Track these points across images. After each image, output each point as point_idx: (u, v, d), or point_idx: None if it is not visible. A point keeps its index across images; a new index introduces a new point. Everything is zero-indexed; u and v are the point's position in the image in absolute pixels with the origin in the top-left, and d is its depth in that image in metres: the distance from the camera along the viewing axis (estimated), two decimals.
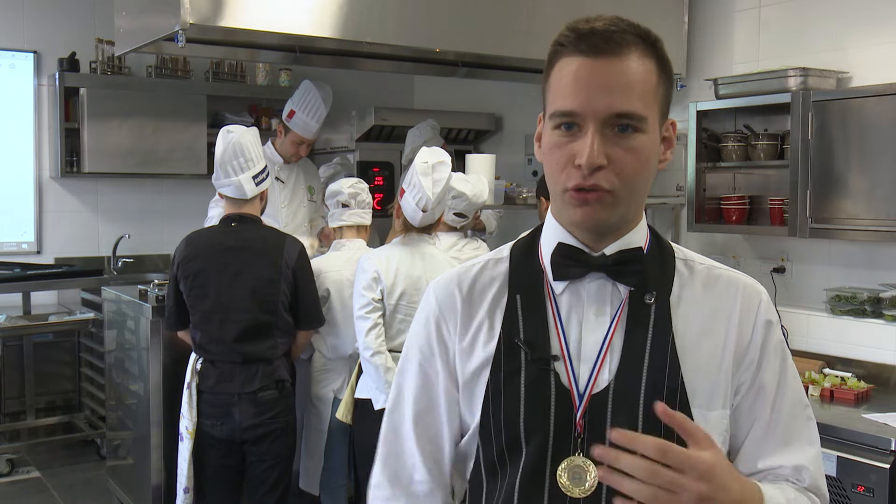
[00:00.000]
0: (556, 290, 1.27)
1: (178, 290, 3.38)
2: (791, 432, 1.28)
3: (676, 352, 1.22)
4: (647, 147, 1.20)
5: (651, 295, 1.25)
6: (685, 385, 1.21)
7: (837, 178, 3.37)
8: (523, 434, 1.23)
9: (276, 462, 3.36)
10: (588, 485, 1.19)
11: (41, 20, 5.69)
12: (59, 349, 5.59)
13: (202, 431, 3.32)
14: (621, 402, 1.21)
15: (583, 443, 1.20)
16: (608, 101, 1.16)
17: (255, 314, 3.29)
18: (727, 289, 1.28)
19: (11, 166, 5.67)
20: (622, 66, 1.17)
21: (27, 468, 5.13)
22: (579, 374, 1.23)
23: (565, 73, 1.19)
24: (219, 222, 3.50)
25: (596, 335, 1.24)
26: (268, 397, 3.30)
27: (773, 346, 1.28)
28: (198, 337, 3.34)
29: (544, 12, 3.73)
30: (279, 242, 3.41)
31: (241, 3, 3.17)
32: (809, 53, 3.73)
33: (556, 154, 1.20)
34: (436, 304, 1.34)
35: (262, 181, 3.42)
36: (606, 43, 1.16)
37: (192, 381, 3.34)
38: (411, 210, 3.30)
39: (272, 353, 3.33)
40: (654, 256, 1.28)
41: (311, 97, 4.52)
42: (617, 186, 1.18)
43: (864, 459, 2.81)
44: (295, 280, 3.37)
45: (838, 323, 3.61)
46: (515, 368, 1.25)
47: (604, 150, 1.16)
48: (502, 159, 4.28)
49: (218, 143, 3.38)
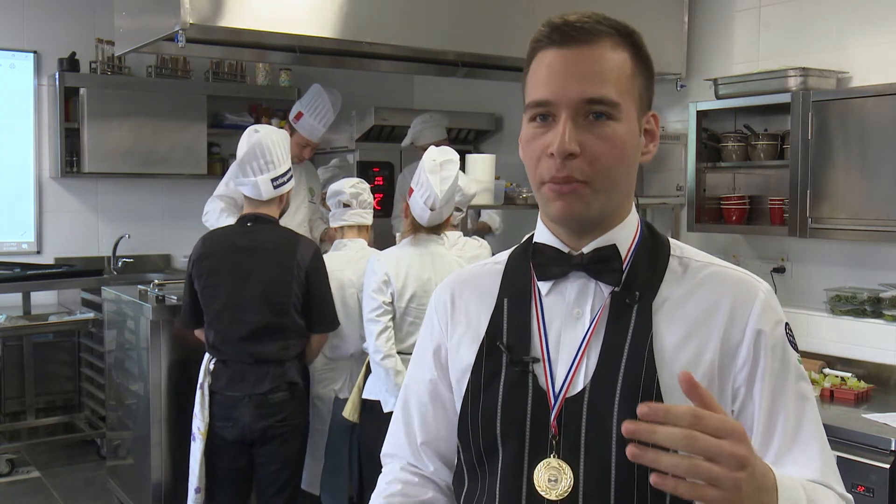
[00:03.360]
0: (543, 291, 1.26)
1: (192, 288, 3.37)
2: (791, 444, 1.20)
3: (654, 354, 1.18)
4: (622, 136, 1.17)
5: (633, 296, 1.21)
6: (661, 389, 1.17)
7: (837, 177, 3.36)
8: (500, 436, 1.22)
9: (284, 464, 3.36)
10: (563, 487, 1.17)
11: (41, 20, 5.69)
12: (59, 349, 5.59)
13: (213, 432, 3.32)
14: (596, 404, 1.18)
15: (558, 445, 1.18)
16: (580, 88, 1.15)
17: (266, 316, 3.28)
18: (718, 288, 1.23)
19: (11, 166, 5.68)
20: (594, 54, 1.17)
21: (27, 468, 5.13)
22: (556, 376, 1.21)
23: (540, 66, 1.19)
24: (235, 222, 3.48)
25: (574, 336, 1.22)
26: (278, 399, 3.28)
27: (771, 348, 1.20)
28: (210, 336, 3.34)
29: (544, 12, 3.70)
30: (293, 244, 3.37)
31: (241, 3, 3.17)
32: (809, 53, 3.73)
33: (532, 146, 1.20)
34: (433, 308, 1.38)
35: (283, 184, 3.36)
36: (578, 32, 1.17)
37: (204, 381, 3.33)
38: (419, 209, 3.29)
39: (283, 355, 3.31)
40: (644, 254, 1.25)
41: (320, 101, 4.49)
42: (591, 176, 1.16)
43: (864, 459, 2.81)
44: (308, 282, 3.34)
45: (838, 323, 3.61)
46: (496, 370, 1.24)
47: (576, 137, 1.15)
48: (502, 159, 4.28)
49: (241, 142, 3.34)
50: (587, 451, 1.18)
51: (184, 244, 6.19)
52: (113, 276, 5.56)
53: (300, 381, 3.38)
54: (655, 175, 4.07)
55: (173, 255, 6.18)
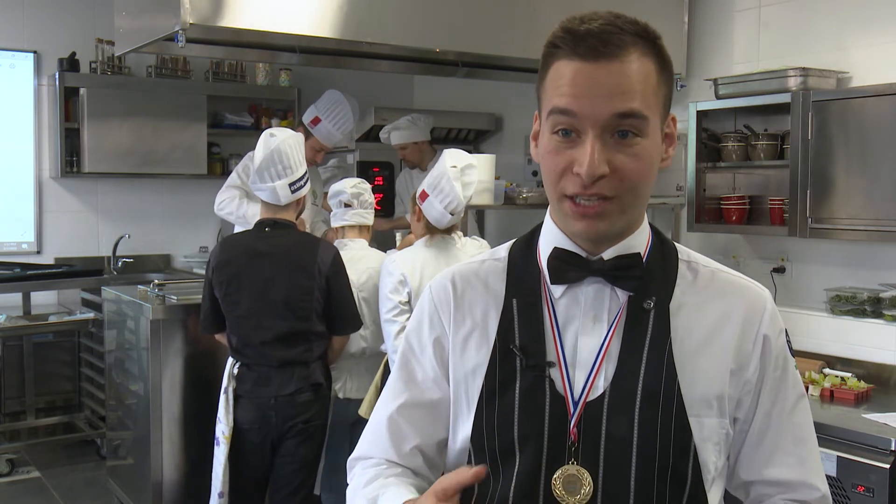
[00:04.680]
0: (555, 294, 1.24)
1: (212, 294, 3.37)
2: (781, 446, 1.25)
3: (674, 359, 1.19)
4: (650, 151, 1.16)
5: (650, 301, 1.21)
6: (682, 393, 1.18)
7: (837, 177, 3.36)
8: (517, 441, 1.20)
9: (302, 465, 3.36)
10: (583, 493, 1.16)
11: (41, 20, 5.69)
12: (59, 349, 5.59)
13: (239, 436, 3.32)
14: (616, 410, 1.18)
15: (577, 451, 1.18)
16: (608, 106, 1.11)
17: (290, 322, 3.28)
18: (731, 295, 1.24)
19: (11, 166, 5.67)
20: (622, 70, 1.12)
21: (27, 468, 5.13)
22: (575, 381, 1.20)
23: (563, 76, 1.14)
24: (253, 226, 3.48)
25: (593, 341, 1.21)
26: (304, 399, 3.29)
27: (775, 356, 1.24)
28: (234, 341, 3.34)
29: (544, 12, 3.72)
30: (312, 248, 3.37)
31: (241, 3, 3.17)
32: (809, 53, 3.73)
33: (555, 159, 1.16)
34: (430, 302, 1.32)
35: (300, 188, 3.37)
36: (605, 46, 1.11)
37: (228, 385, 3.33)
38: (438, 213, 3.30)
39: (307, 357, 3.32)
40: (656, 260, 1.25)
41: (340, 109, 4.44)
42: (620, 193, 1.14)
43: (864, 459, 2.81)
44: (328, 286, 3.34)
45: (838, 323, 3.61)
46: (510, 374, 1.22)
47: (605, 156, 1.12)
48: (502, 159, 4.28)
49: (258, 147, 3.33)
50: (607, 458, 1.17)
51: (184, 244, 6.21)
52: (113, 276, 5.56)
53: (324, 382, 3.40)
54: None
55: (173, 255, 6.18)
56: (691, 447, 1.18)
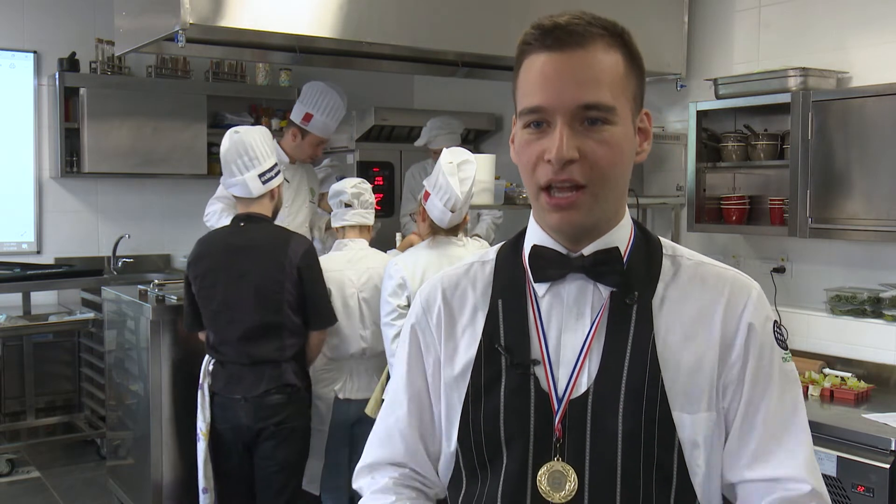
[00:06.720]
0: (539, 292, 1.25)
1: (190, 290, 3.38)
2: (769, 442, 1.20)
3: (657, 354, 1.19)
4: (620, 139, 1.17)
5: (632, 296, 1.21)
6: (665, 389, 1.17)
7: (837, 178, 3.36)
8: (504, 439, 1.21)
9: (282, 467, 3.35)
10: (568, 489, 1.17)
11: (41, 20, 5.69)
12: (59, 349, 5.59)
13: (216, 433, 3.33)
14: (600, 406, 1.18)
15: (563, 448, 1.18)
16: (575, 94, 1.14)
17: (261, 314, 3.28)
18: (713, 287, 1.24)
19: (11, 166, 5.67)
20: (587, 58, 1.15)
21: (27, 468, 5.13)
22: (558, 379, 1.21)
23: (532, 70, 1.18)
24: (229, 222, 3.48)
25: (576, 338, 1.22)
26: (275, 401, 3.28)
27: (761, 345, 1.22)
28: (210, 337, 3.35)
29: (544, 12, 3.72)
30: (285, 241, 3.37)
31: (241, 3, 3.17)
32: (809, 53, 3.73)
33: (528, 151, 1.18)
34: (420, 310, 1.34)
35: (271, 179, 3.36)
36: (570, 36, 1.16)
37: (204, 382, 3.34)
38: (439, 212, 3.29)
39: (280, 355, 3.30)
40: (639, 255, 1.25)
41: (328, 98, 4.42)
42: (590, 179, 1.16)
43: (864, 459, 2.81)
44: (301, 279, 3.33)
45: (838, 323, 3.61)
46: (496, 373, 1.23)
47: (574, 143, 1.14)
48: (502, 159, 4.26)
49: (223, 143, 3.36)
50: (592, 453, 1.18)
51: (184, 244, 6.19)
52: (113, 276, 5.56)
53: (297, 383, 3.35)
54: (655, 175, 4.07)
55: (173, 255, 6.18)
56: (675, 442, 1.18)
